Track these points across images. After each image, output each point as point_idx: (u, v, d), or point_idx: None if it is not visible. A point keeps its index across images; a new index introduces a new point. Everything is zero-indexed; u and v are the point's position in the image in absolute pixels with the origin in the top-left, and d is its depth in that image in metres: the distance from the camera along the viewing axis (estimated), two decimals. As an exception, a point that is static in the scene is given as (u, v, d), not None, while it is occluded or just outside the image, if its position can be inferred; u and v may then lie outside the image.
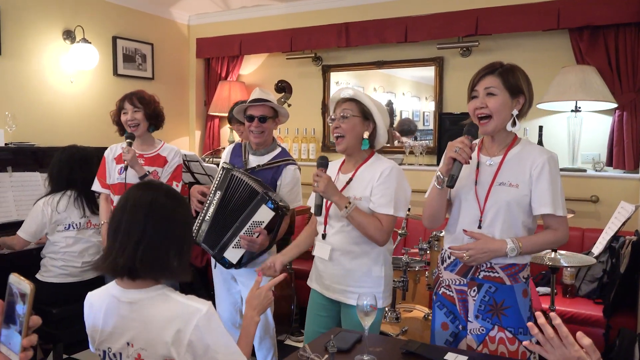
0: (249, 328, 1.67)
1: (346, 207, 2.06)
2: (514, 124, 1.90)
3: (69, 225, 3.10)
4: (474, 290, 1.93)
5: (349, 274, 2.16)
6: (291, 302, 3.76)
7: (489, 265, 1.90)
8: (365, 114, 2.18)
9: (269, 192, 2.46)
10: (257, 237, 2.47)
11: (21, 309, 1.05)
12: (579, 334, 1.29)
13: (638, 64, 3.65)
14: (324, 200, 2.14)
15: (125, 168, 2.81)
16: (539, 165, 1.87)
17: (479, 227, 1.90)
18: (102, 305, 1.50)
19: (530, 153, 1.91)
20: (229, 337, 1.51)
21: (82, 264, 3.11)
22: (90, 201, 3.18)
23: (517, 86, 1.88)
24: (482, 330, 1.91)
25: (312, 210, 2.09)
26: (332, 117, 2.22)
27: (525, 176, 1.88)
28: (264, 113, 2.63)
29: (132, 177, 2.84)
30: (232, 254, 2.51)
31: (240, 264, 2.53)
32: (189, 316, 1.42)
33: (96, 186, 3.04)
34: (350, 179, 2.18)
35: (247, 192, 2.51)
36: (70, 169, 3.14)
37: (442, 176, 1.90)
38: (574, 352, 1.27)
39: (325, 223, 2.20)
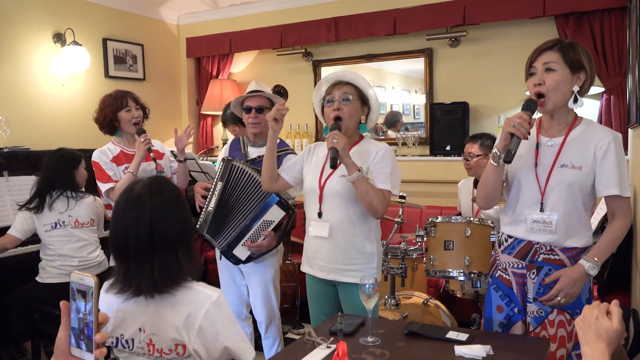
0: None
1: (358, 171, 2.07)
2: (575, 100, 1.82)
3: (55, 223, 3.11)
4: (533, 273, 1.90)
5: (344, 252, 2.20)
6: (295, 297, 3.80)
7: (548, 248, 1.88)
8: (363, 99, 2.24)
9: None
10: (264, 239, 2.54)
11: (83, 307, 1.04)
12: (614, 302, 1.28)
13: (623, 48, 3.71)
14: (321, 176, 2.20)
15: (149, 150, 2.82)
16: (604, 145, 1.80)
17: (541, 209, 1.86)
18: (117, 296, 1.53)
19: (594, 133, 1.84)
20: (237, 324, 1.55)
21: (78, 262, 3.13)
22: (72, 198, 3.15)
23: (578, 61, 1.81)
24: (541, 312, 1.89)
25: (329, 164, 2.07)
26: (329, 98, 2.22)
27: (589, 157, 1.82)
28: (260, 103, 2.68)
29: (151, 172, 2.90)
30: (242, 251, 2.56)
31: (247, 259, 2.58)
32: (200, 302, 1.45)
33: (104, 187, 2.88)
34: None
35: (254, 186, 2.55)
36: (48, 169, 3.12)
37: (498, 153, 1.84)
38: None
39: (320, 202, 2.23)
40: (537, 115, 1.90)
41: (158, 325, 1.48)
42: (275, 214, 2.52)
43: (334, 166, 2.07)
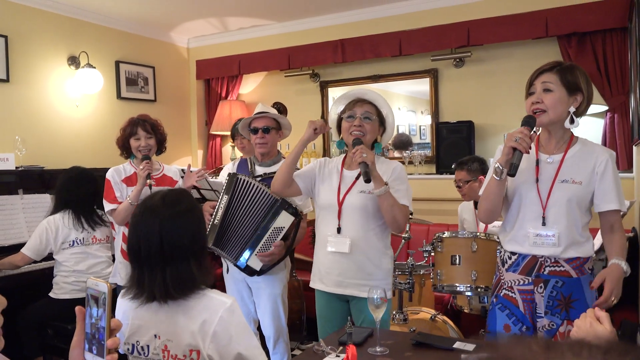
0: None
1: (386, 184, 2.13)
2: (572, 121, 1.91)
3: (73, 241, 3.19)
4: (541, 287, 1.94)
5: (362, 267, 2.24)
6: (301, 313, 3.82)
7: (553, 260, 1.92)
8: (381, 119, 2.32)
9: (285, 197, 2.57)
10: (274, 249, 2.57)
11: (96, 312, 1.08)
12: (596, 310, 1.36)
13: (626, 67, 3.78)
14: (339, 192, 2.26)
15: (148, 177, 2.86)
16: (603, 162, 1.89)
17: (543, 224, 1.91)
18: (132, 301, 1.58)
19: (592, 151, 1.93)
20: (250, 331, 1.59)
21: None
22: (90, 218, 3.26)
23: (575, 84, 1.90)
24: (552, 325, 1.93)
25: (363, 178, 2.10)
26: (350, 114, 2.27)
27: (588, 173, 1.90)
28: (266, 124, 2.77)
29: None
30: (255, 262, 2.59)
31: (261, 271, 2.62)
32: (215, 308, 1.50)
33: (108, 207, 2.97)
34: (359, 175, 2.26)
35: (261, 197, 2.60)
36: (69, 188, 3.23)
37: (500, 167, 1.90)
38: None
39: (339, 217, 2.26)
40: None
41: (174, 331, 1.52)
42: (285, 220, 2.56)
43: (368, 180, 2.09)
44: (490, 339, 2.03)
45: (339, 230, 2.26)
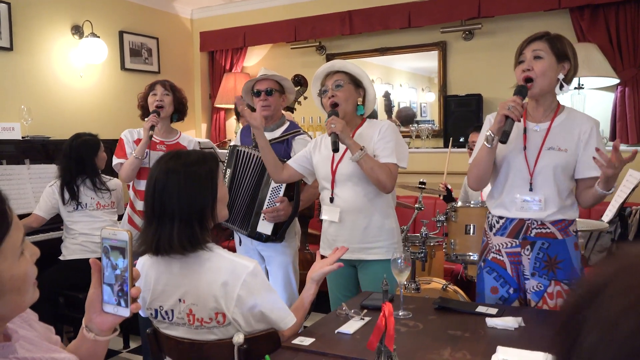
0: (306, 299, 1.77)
1: (361, 150, 2.13)
2: (561, 87, 1.96)
3: (78, 205, 3.21)
4: (528, 249, 1.99)
5: (365, 231, 2.25)
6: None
7: (539, 223, 1.97)
8: (356, 82, 2.31)
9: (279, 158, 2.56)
10: (278, 205, 2.56)
11: (121, 262, 1.04)
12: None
13: (638, 40, 3.74)
14: (333, 161, 2.26)
15: (152, 128, 2.85)
16: (587, 130, 1.95)
17: (530, 189, 1.96)
18: (153, 265, 1.56)
19: (576, 119, 1.99)
20: (274, 293, 1.58)
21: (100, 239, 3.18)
22: (94, 183, 3.25)
23: (564, 52, 1.96)
24: (540, 286, 1.97)
25: (331, 148, 2.13)
26: (323, 89, 2.31)
27: (573, 141, 1.95)
28: (269, 86, 2.76)
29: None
30: (264, 226, 2.60)
31: (277, 235, 2.61)
32: (237, 272, 1.48)
33: (115, 161, 2.97)
34: None
35: (261, 166, 2.60)
36: (71, 156, 3.20)
37: (492, 135, 1.93)
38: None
39: (333, 187, 2.28)
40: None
41: (197, 295, 1.50)
42: None
43: (336, 150, 2.12)
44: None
45: (331, 199, 2.28)
